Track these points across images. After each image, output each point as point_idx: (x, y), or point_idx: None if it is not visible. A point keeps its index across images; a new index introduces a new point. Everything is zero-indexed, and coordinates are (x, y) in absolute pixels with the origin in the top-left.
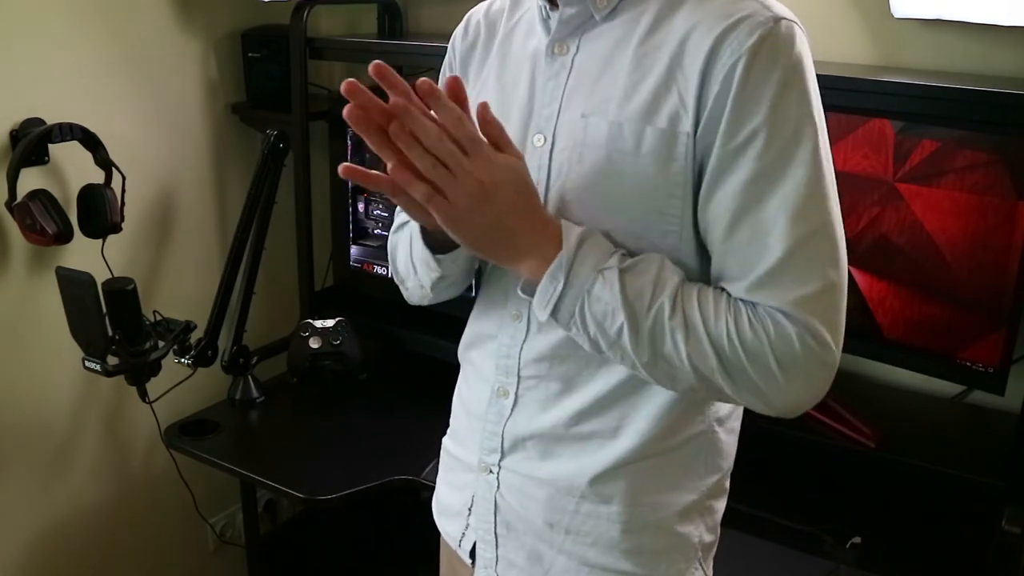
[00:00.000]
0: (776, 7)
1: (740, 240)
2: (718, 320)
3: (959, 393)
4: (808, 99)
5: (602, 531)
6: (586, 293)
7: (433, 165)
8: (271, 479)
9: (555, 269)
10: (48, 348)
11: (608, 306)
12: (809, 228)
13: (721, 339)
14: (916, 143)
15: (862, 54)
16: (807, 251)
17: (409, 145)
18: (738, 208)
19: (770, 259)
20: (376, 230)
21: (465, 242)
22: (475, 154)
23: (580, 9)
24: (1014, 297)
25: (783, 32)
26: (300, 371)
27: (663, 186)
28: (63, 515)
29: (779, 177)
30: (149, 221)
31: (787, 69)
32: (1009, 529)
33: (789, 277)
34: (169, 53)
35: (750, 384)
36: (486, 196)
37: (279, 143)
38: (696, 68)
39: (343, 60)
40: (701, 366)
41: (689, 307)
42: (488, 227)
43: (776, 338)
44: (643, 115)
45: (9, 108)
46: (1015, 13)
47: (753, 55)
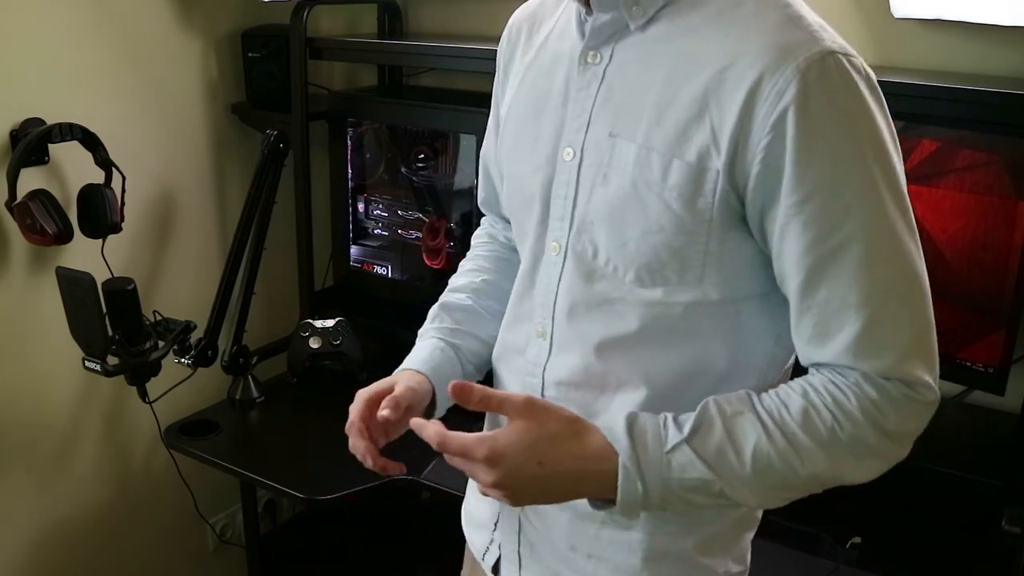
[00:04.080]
0: (827, 37)
1: (819, 300)
2: (821, 418)
3: (959, 393)
4: (873, 139)
5: (623, 558)
6: (665, 481)
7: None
8: (271, 479)
9: (625, 477)
10: (48, 348)
11: (698, 480)
12: (892, 279)
13: (835, 436)
14: (916, 143)
15: (862, 54)
16: (891, 306)
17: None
18: (812, 266)
19: (856, 323)
20: (376, 230)
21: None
22: (477, 468)
23: (614, 16)
24: (1014, 297)
25: (834, 69)
26: (300, 371)
27: (687, 222)
28: (63, 515)
29: (853, 232)
30: (149, 221)
31: (844, 114)
32: (1009, 529)
33: (880, 338)
34: (169, 53)
35: (872, 455)
36: (515, 485)
37: (279, 143)
38: (735, 105)
39: (343, 60)
40: (823, 472)
41: (785, 427)
42: (541, 494)
43: (883, 402)
44: (672, 145)
45: (9, 108)
46: (1015, 13)
47: (804, 100)
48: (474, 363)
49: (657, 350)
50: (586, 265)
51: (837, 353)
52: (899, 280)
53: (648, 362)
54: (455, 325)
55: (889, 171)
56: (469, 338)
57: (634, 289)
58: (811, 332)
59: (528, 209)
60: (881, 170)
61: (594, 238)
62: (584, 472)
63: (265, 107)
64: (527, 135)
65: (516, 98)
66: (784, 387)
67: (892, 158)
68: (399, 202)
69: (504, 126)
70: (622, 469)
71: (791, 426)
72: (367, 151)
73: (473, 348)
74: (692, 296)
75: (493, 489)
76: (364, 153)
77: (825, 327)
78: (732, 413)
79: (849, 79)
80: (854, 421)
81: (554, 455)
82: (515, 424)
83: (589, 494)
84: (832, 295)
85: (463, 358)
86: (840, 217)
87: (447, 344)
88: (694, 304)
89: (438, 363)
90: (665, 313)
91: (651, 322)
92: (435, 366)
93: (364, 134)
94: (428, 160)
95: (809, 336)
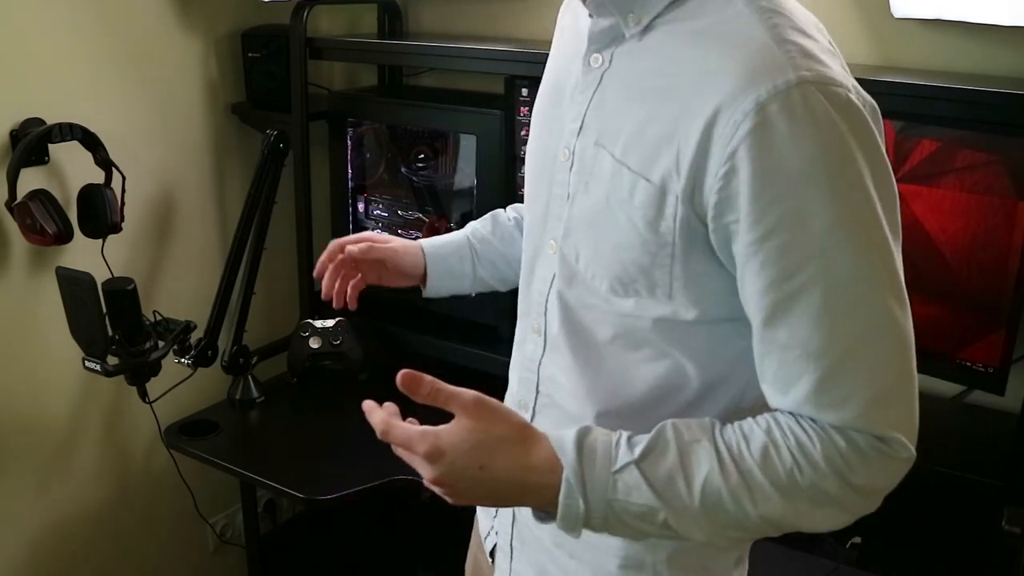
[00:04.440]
0: (806, 63)
1: (779, 343)
2: (781, 459)
3: (959, 393)
4: (845, 179)
5: (601, 563)
6: (609, 503)
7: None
8: (271, 479)
9: (567, 492)
10: (48, 348)
11: (643, 507)
12: (858, 330)
13: (793, 480)
14: (916, 143)
15: (862, 54)
16: (859, 356)
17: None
18: (771, 307)
19: (816, 372)
20: (376, 230)
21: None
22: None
23: (613, 23)
24: (1014, 297)
25: (801, 102)
26: (300, 371)
27: (651, 243)
28: (63, 515)
29: (814, 277)
30: (149, 221)
31: (810, 152)
32: (1009, 529)
33: (842, 390)
34: (169, 53)
35: (832, 505)
36: (454, 484)
37: (279, 143)
38: (696, 131)
39: (343, 60)
40: (778, 516)
41: (742, 463)
42: (482, 497)
43: (850, 454)
44: (643, 164)
45: (9, 108)
46: (1015, 13)
47: (761, 135)
48: (488, 272)
49: (630, 362)
50: (569, 268)
51: (798, 402)
52: (868, 331)
53: (621, 374)
54: (489, 232)
55: (864, 215)
56: (492, 250)
57: (609, 297)
58: (773, 376)
59: (534, 203)
60: (852, 214)
61: (577, 243)
62: (526, 483)
63: (265, 107)
64: (544, 130)
65: (544, 88)
66: (750, 420)
67: (870, 201)
68: (399, 202)
69: (533, 117)
70: (564, 484)
71: (748, 462)
72: (367, 151)
73: (493, 259)
74: (662, 312)
75: (433, 484)
76: (364, 153)
77: (787, 373)
78: (689, 440)
79: (819, 113)
80: (816, 468)
81: (497, 461)
82: (461, 422)
83: (532, 503)
84: (792, 340)
85: (477, 263)
86: (800, 261)
87: (468, 244)
88: (664, 320)
89: (444, 248)
90: (636, 325)
91: (623, 333)
92: (438, 247)
93: (364, 134)
94: (428, 160)
95: (772, 379)
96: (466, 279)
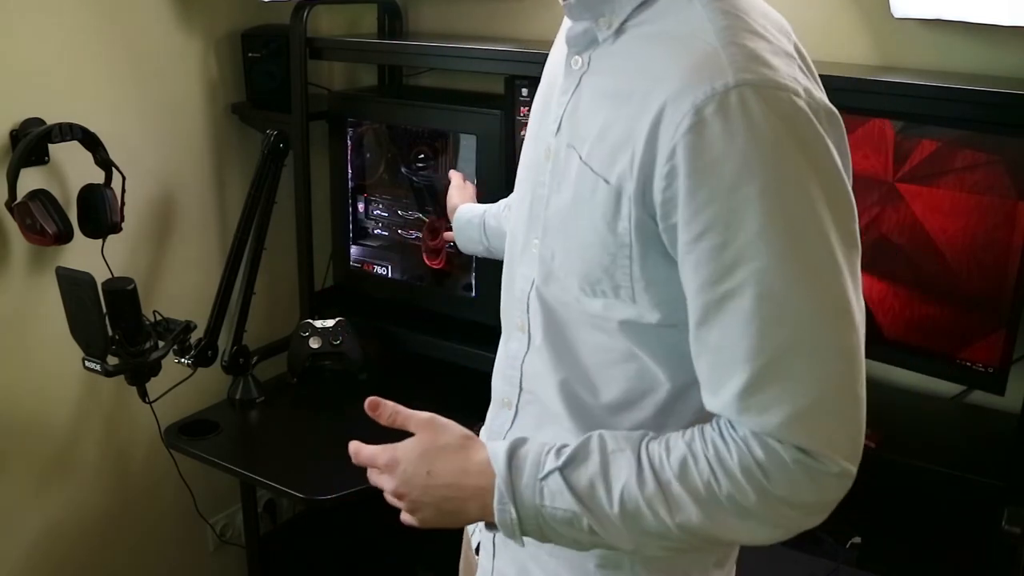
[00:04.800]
0: (749, 65)
1: (711, 345)
2: (699, 470)
3: (959, 393)
4: (784, 182)
5: (579, 561)
6: (538, 509)
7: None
8: (271, 479)
9: (500, 499)
10: (48, 348)
11: (567, 512)
12: (787, 337)
13: (711, 491)
14: (916, 143)
15: (862, 54)
16: (786, 364)
17: None
18: (704, 308)
19: (742, 376)
20: (376, 230)
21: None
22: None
23: (587, 27)
24: (1014, 297)
25: (737, 105)
26: (300, 371)
27: (610, 244)
28: (63, 515)
29: (745, 280)
30: (149, 221)
31: (743, 152)
32: (1009, 529)
33: (766, 396)
34: (169, 53)
35: (756, 518)
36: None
37: (279, 143)
38: (643, 132)
39: (343, 60)
40: (699, 527)
41: (661, 473)
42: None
43: (769, 465)
44: (604, 165)
45: (9, 108)
46: (1015, 13)
47: (697, 136)
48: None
49: (602, 362)
50: (546, 266)
51: (724, 404)
52: (798, 339)
53: (596, 372)
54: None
55: (801, 221)
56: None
57: (580, 297)
58: (706, 377)
59: (520, 203)
60: (786, 218)
61: (552, 242)
62: (464, 486)
63: (265, 107)
64: (535, 127)
65: (541, 86)
66: (677, 433)
67: (811, 206)
68: (399, 202)
69: (531, 112)
70: (496, 491)
71: (667, 473)
72: (367, 151)
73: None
74: (628, 314)
75: (395, 499)
76: (364, 153)
77: (717, 374)
78: (613, 449)
79: (755, 116)
80: (733, 479)
81: (441, 465)
82: (415, 437)
83: (474, 512)
84: (723, 342)
85: (488, 233)
86: (731, 263)
87: (483, 216)
88: (630, 323)
89: (468, 213)
90: (604, 327)
91: (596, 332)
92: (464, 214)
93: (364, 134)
94: (428, 160)
95: (705, 380)
96: (480, 246)
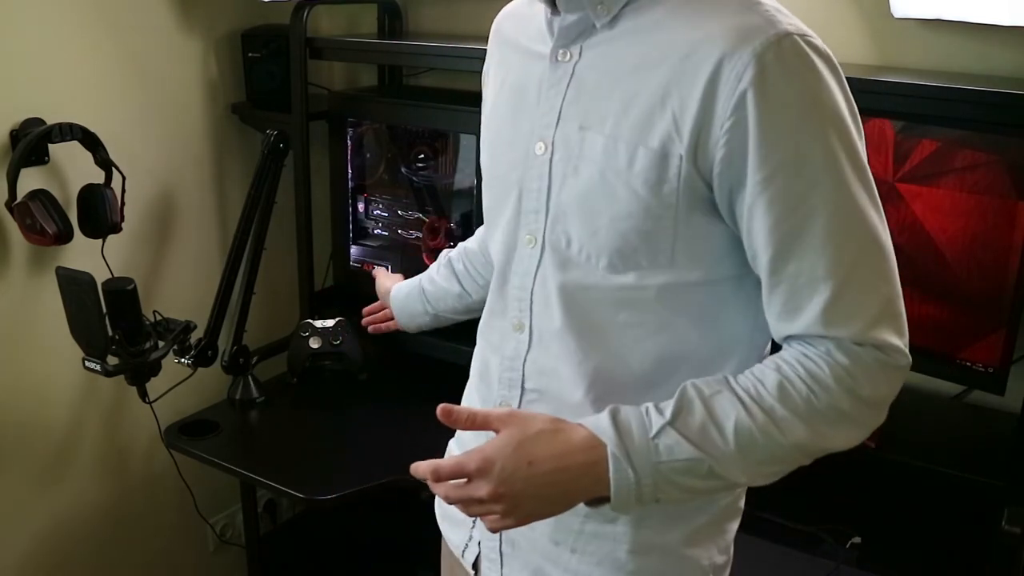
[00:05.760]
0: (783, 19)
1: (788, 274)
2: (796, 390)
3: (959, 393)
4: (833, 115)
5: (607, 551)
6: (655, 466)
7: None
8: (271, 479)
9: (616, 465)
10: (48, 348)
11: (687, 461)
12: (857, 249)
13: (811, 405)
14: (916, 143)
15: (862, 54)
16: (860, 273)
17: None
18: (780, 241)
19: (825, 293)
20: (376, 230)
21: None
22: (473, 485)
23: (581, 16)
24: (1014, 297)
25: (790, 50)
26: (300, 371)
27: (654, 207)
28: (63, 515)
29: (817, 205)
30: (149, 221)
31: (803, 92)
32: (1009, 529)
33: (849, 306)
34: (169, 53)
35: (848, 422)
36: (510, 491)
37: (279, 143)
38: (696, 91)
39: (343, 60)
40: (806, 441)
41: (763, 401)
42: (537, 500)
43: (855, 369)
44: (637, 133)
45: (9, 108)
46: (1015, 13)
47: (762, 81)
48: (443, 307)
49: (634, 337)
50: (560, 255)
51: (808, 324)
52: (864, 249)
53: (627, 350)
54: (435, 274)
55: (849, 145)
56: (438, 290)
57: (607, 276)
58: (781, 307)
59: (502, 206)
60: (842, 144)
61: (567, 228)
62: (572, 466)
63: (265, 107)
64: (504, 135)
65: (499, 98)
66: (758, 366)
67: (852, 133)
68: (399, 202)
69: (486, 126)
70: (612, 459)
71: (768, 400)
72: (367, 151)
73: (440, 296)
74: (665, 279)
75: (494, 504)
76: (364, 153)
77: (796, 300)
78: (710, 394)
79: (806, 59)
80: (828, 389)
81: (542, 451)
82: (500, 433)
83: (582, 491)
84: (801, 268)
85: (430, 302)
86: (804, 192)
87: (421, 288)
88: (668, 286)
89: (406, 290)
90: (639, 297)
91: (626, 308)
92: (402, 290)
93: (364, 134)
94: (428, 160)
95: (780, 311)
96: (426, 316)
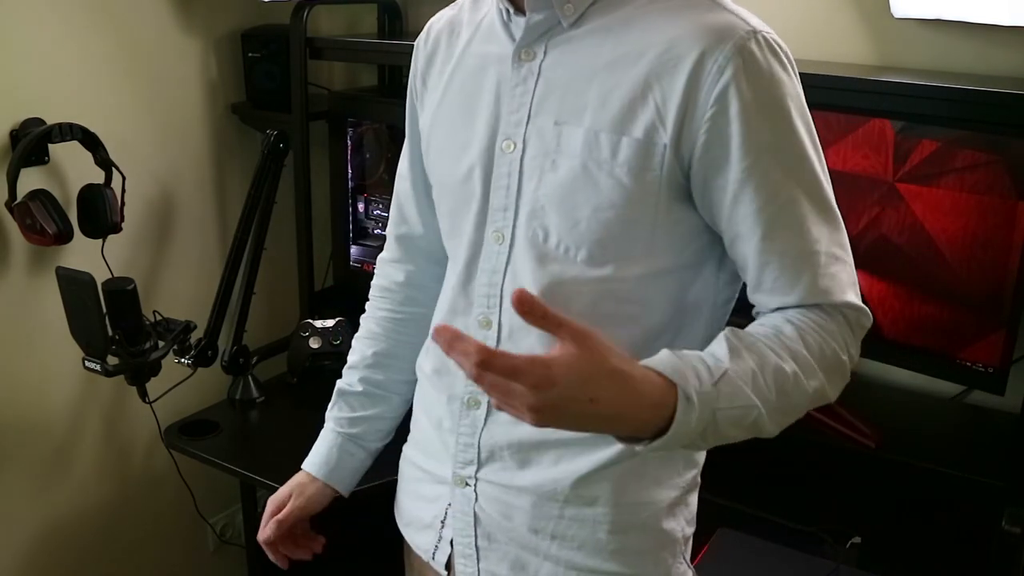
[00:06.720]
0: (751, 18)
1: (777, 252)
2: (814, 338)
3: (959, 393)
4: (797, 103)
5: (588, 534)
6: (714, 412)
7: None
8: (271, 479)
9: (684, 411)
10: (48, 348)
11: (741, 409)
12: (830, 224)
13: (823, 354)
14: (916, 143)
15: (862, 54)
16: (837, 246)
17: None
18: (767, 223)
19: (815, 265)
20: (376, 230)
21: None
22: (518, 391)
23: (547, 15)
24: (1014, 297)
25: (764, 45)
26: (300, 371)
27: (637, 195)
28: (63, 515)
29: (797, 187)
30: (149, 221)
31: (777, 84)
32: (1009, 529)
33: (835, 275)
34: (169, 53)
35: (840, 376)
36: (554, 412)
37: (279, 143)
38: (679, 83)
39: (343, 60)
40: (817, 389)
41: (789, 347)
42: (571, 423)
43: (844, 329)
44: (618, 124)
45: (9, 108)
46: (1015, 13)
47: (743, 74)
48: (380, 437)
49: (610, 326)
50: (537, 249)
51: (804, 295)
52: (835, 223)
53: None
54: (351, 413)
55: (811, 129)
56: (368, 422)
57: (585, 269)
58: (773, 283)
59: (464, 207)
60: (806, 129)
61: (545, 222)
62: (630, 419)
63: (265, 107)
64: (458, 138)
65: (442, 105)
66: (765, 319)
67: (809, 117)
68: None
69: (430, 134)
70: (681, 403)
71: (793, 345)
72: (367, 151)
73: (376, 427)
74: (642, 269)
75: (529, 411)
76: (364, 153)
77: (788, 274)
78: (749, 344)
79: (776, 54)
80: (835, 339)
81: (607, 396)
82: (572, 353)
83: (634, 426)
84: (788, 246)
85: (365, 442)
86: (785, 176)
87: (345, 437)
88: (644, 276)
89: (335, 462)
90: (616, 288)
91: (602, 299)
92: (332, 467)
93: (364, 134)
94: None
95: (772, 287)
96: (367, 458)
